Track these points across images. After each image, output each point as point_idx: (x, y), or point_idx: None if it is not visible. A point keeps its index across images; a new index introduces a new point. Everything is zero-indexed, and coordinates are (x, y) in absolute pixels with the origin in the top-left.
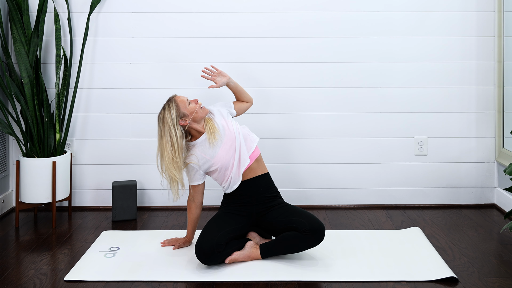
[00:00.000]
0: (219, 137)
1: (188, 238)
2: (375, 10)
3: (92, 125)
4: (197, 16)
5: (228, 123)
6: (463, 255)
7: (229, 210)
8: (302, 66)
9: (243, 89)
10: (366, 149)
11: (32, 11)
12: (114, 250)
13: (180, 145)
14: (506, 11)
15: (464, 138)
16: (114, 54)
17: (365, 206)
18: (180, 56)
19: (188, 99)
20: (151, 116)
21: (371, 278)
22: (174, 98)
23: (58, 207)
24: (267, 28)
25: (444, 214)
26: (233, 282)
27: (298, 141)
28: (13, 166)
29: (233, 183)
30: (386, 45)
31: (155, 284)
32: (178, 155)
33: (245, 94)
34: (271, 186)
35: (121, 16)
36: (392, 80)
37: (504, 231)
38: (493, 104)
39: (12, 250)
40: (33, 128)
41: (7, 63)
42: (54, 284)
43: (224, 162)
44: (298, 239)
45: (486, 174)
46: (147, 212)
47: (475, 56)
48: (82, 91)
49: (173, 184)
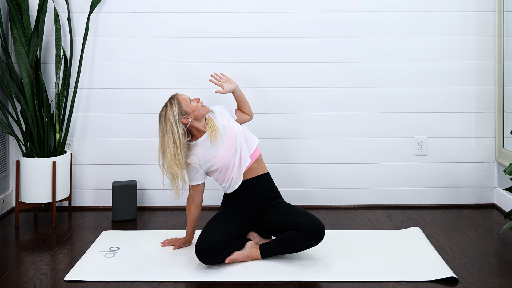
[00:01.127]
0: (220, 136)
1: (188, 238)
2: (375, 10)
3: (92, 125)
4: (197, 16)
5: (230, 123)
6: (463, 255)
7: (229, 210)
8: (302, 66)
9: (247, 101)
10: (366, 149)
11: (32, 11)
12: (114, 250)
13: (182, 142)
14: (506, 11)
15: (464, 138)
16: (114, 54)
17: (365, 206)
18: (180, 56)
19: (189, 98)
20: (151, 116)
21: (371, 278)
22: (176, 96)
23: (58, 207)
24: (267, 28)
25: (444, 214)
26: (233, 282)
27: (298, 141)
28: (13, 166)
29: (234, 183)
30: (386, 45)
31: (155, 284)
32: (180, 153)
33: (247, 106)
34: (271, 186)
35: (121, 16)
36: (392, 80)
37: (504, 231)
38: (493, 104)
39: (12, 250)
40: (33, 128)
41: (7, 63)
42: (54, 284)
43: (225, 161)
44: (298, 238)
45: (486, 174)
46: (147, 212)
47: (475, 56)
48: (82, 91)
49: (175, 182)
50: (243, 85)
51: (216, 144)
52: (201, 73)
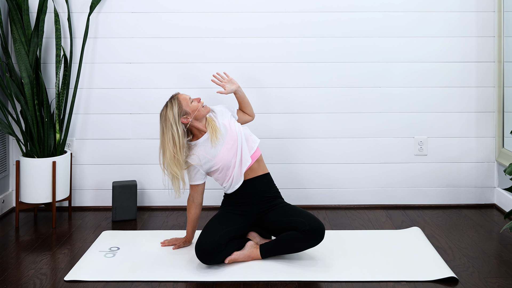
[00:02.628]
0: (220, 136)
1: (188, 238)
2: (375, 10)
3: (92, 125)
4: (197, 16)
5: (231, 123)
6: (463, 255)
7: (230, 210)
8: (302, 66)
9: (249, 101)
10: (366, 149)
11: (32, 11)
12: (114, 250)
13: (182, 142)
14: (506, 11)
15: (464, 138)
16: (114, 54)
17: (365, 206)
18: (180, 56)
19: (190, 97)
20: (151, 116)
21: (371, 278)
22: (177, 96)
23: (58, 207)
24: (267, 28)
25: (444, 214)
26: (233, 282)
27: (298, 141)
28: (13, 166)
29: (235, 183)
30: (386, 45)
31: (155, 284)
32: (179, 153)
33: (249, 107)
34: (271, 186)
35: (121, 16)
36: (392, 80)
37: (504, 231)
38: (493, 104)
39: (12, 250)
40: (33, 128)
41: (7, 63)
42: (54, 284)
43: (225, 161)
44: (298, 239)
45: (486, 174)
46: (147, 212)
47: (475, 56)
48: (82, 91)
49: (175, 181)
50: (243, 84)
51: (217, 144)
52: (201, 73)
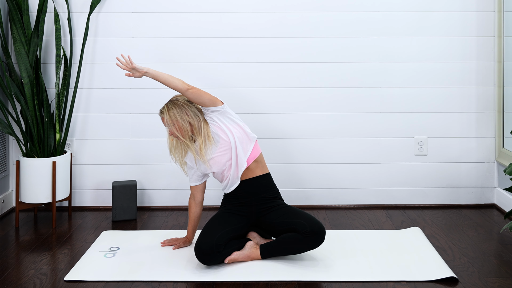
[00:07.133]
0: (213, 144)
1: (188, 238)
2: (375, 10)
3: (92, 125)
4: (198, 16)
5: (223, 127)
6: (463, 255)
7: (229, 210)
8: (302, 66)
9: (166, 78)
10: (366, 149)
11: (32, 11)
12: (114, 250)
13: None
14: (506, 11)
15: (464, 138)
16: (114, 54)
17: (365, 206)
18: (180, 56)
19: (169, 133)
20: (151, 116)
21: (371, 278)
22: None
23: (58, 207)
24: (266, 28)
25: (444, 214)
26: (233, 282)
27: (298, 141)
28: (13, 166)
29: (230, 185)
30: (386, 45)
31: (155, 284)
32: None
33: (171, 84)
34: (271, 186)
35: (121, 16)
36: (392, 80)
37: (504, 231)
38: (493, 104)
39: (12, 250)
40: (33, 128)
41: (7, 63)
42: (54, 284)
43: (220, 165)
44: (298, 240)
45: (486, 174)
46: (147, 212)
47: (475, 56)
48: (82, 91)
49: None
50: (242, 84)
51: (210, 152)
52: (201, 73)
